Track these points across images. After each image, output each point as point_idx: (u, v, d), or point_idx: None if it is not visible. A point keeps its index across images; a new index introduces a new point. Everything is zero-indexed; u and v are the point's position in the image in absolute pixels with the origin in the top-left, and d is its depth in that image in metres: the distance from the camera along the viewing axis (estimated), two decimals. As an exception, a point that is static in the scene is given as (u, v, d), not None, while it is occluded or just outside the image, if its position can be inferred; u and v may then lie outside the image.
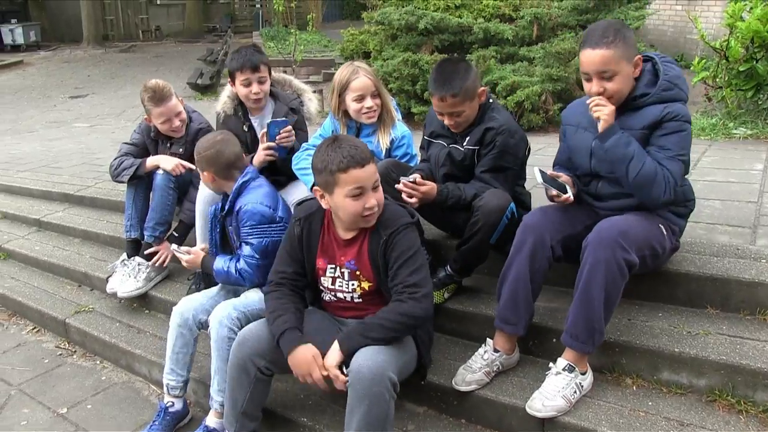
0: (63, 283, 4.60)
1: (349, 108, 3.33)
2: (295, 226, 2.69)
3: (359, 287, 2.64)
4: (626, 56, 2.52)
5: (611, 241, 2.40)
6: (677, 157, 2.52)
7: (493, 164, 2.98)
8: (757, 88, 5.75)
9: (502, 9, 8.52)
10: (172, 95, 3.92)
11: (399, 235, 2.52)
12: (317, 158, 2.51)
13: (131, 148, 4.10)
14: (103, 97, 15.27)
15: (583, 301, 2.44)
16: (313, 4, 23.37)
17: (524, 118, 6.99)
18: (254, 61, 3.56)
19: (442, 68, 2.97)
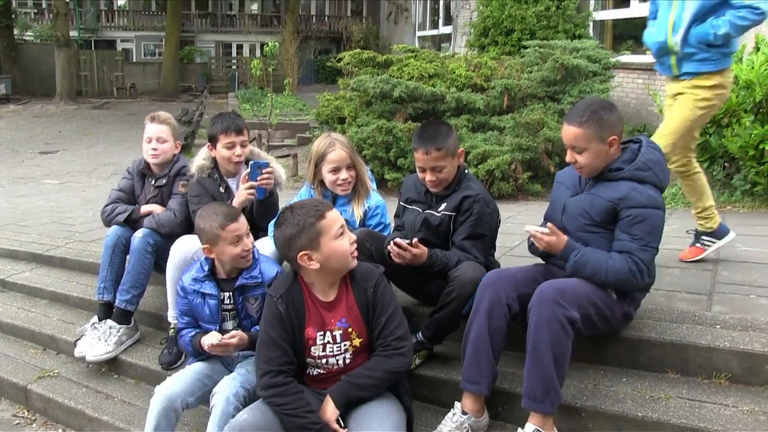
0: (26, 347, 4.47)
1: (325, 179, 3.43)
2: (278, 305, 2.66)
3: (351, 346, 2.69)
4: (597, 136, 2.71)
5: (549, 299, 2.53)
6: (648, 245, 2.67)
7: (471, 231, 3.08)
8: (711, 160, 6.03)
9: (474, 79, 8.81)
10: (166, 123, 4.18)
11: (381, 286, 2.67)
12: (287, 228, 2.58)
13: (120, 194, 4.20)
14: (74, 153, 15.26)
15: (534, 361, 2.53)
16: (290, 67, 23.81)
17: (494, 186, 7.16)
18: (239, 125, 3.71)
19: (427, 126, 3.16)
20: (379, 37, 30.74)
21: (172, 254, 3.60)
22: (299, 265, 2.61)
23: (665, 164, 2.82)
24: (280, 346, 2.61)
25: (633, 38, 11.51)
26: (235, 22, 36.85)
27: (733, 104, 5.69)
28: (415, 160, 3.15)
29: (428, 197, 3.23)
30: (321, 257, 2.57)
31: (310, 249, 2.56)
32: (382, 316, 2.64)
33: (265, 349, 2.63)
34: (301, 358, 2.70)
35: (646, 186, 2.70)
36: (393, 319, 2.65)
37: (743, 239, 4.42)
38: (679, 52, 3.59)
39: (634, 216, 2.66)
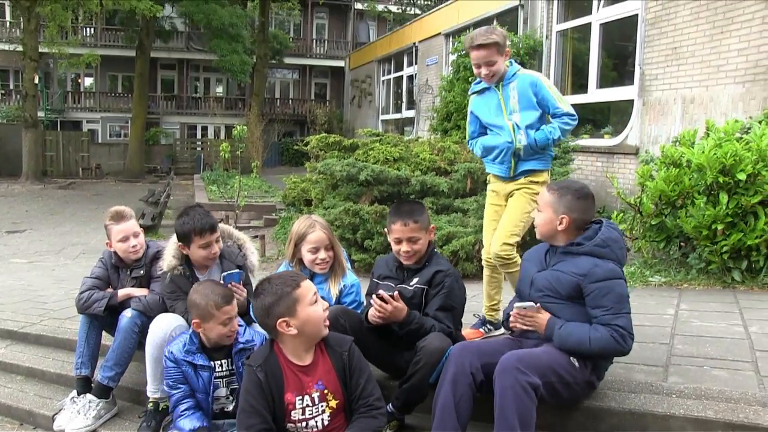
0: (3, 422, 4.49)
1: (304, 257, 3.64)
2: (257, 373, 2.82)
3: (328, 407, 2.85)
4: (552, 206, 3.12)
5: (510, 367, 2.72)
6: (621, 312, 2.92)
7: (443, 303, 3.32)
8: (667, 240, 6.27)
9: (438, 163, 9.13)
10: (132, 218, 4.24)
11: (355, 351, 2.89)
12: (266, 297, 2.81)
13: (95, 281, 4.23)
14: (41, 233, 15.20)
15: (502, 426, 2.69)
16: (254, 150, 24.15)
17: (459, 266, 7.37)
18: (212, 223, 3.76)
19: (403, 203, 3.53)
20: (343, 120, 31.45)
21: (151, 332, 3.70)
22: (277, 331, 2.81)
23: (623, 243, 3.11)
24: (260, 412, 2.77)
25: (591, 122, 12.00)
26: (201, 105, 37.25)
27: (686, 186, 5.95)
28: (392, 233, 3.42)
29: (400, 273, 3.48)
30: (298, 323, 2.78)
31: (287, 315, 2.78)
32: (360, 378, 2.86)
33: (245, 416, 2.78)
34: (281, 424, 2.83)
35: (605, 261, 2.98)
36: (370, 380, 2.89)
37: (699, 315, 4.70)
38: (521, 154, 4.04)
39: (599, 290, 2.93)
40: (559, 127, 4.00)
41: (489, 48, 3.92)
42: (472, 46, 3.95)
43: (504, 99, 4.07)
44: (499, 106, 4.09)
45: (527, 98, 4.01)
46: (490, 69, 3.97)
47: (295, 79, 40.34)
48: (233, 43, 29.16)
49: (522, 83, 4.03)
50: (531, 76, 4.06)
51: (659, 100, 9.54)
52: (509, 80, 4.05)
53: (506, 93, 4.06)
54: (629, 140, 10.21)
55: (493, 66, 3.96)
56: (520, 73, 4.07)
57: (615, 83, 11.34)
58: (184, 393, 3.35)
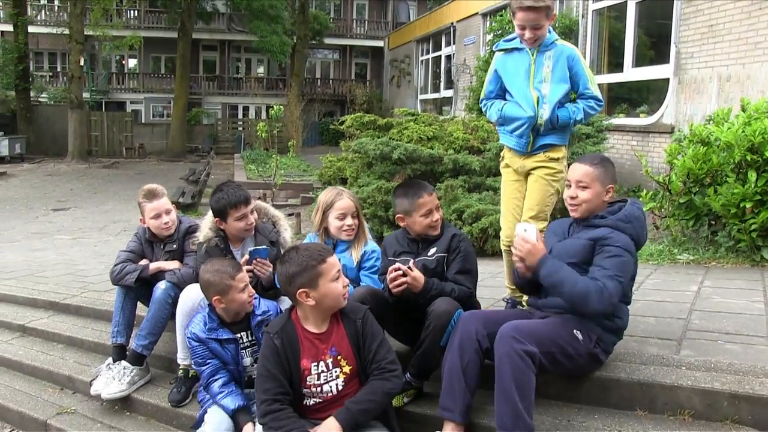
0: (45, 387, 4.73)
1: (331, 225, 3.74)
2: (274, 339, 2.94)
3: (342, 372, 2.98)
4: (601, 179, 3.14)
5: (506, 336, 2.80)
6: (615, 276, 2.96)
7: (461, 267, 3.42)
8: (696, 218, 6.24)
9: (471, 142, 9.16)
10: (164, 195, 4.41)
11: (369, 318, 2.99)
12: (291, 266, 2.90)
13: (129, 254, 4.43)
14: (85, 211, 15.64)
15: (501, 393, 2.77)
16: (294, 130, 24.36)
17: (488, 244, 7.45)
18: (245, 195, 3.89)
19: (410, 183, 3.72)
20: (382, 99, 31.44)
21: (181, 302, 3.88)
22: (297, 300, 2.93)
23: (645, 223, 3.17)
24: (276, 377, 2.90)
25: (628, 101, 11.93)
26: (242, 85, 37.60)
27: (714, 165, 5.93)
28: (421, 207, 3.45)
29: (414, 246, 3.56)
30: (317, 295, 2.89)
31: (308, 287, 2.88)
32: (373, 344, 2.97)
33: (262, 381, 2.93)
34: (298, 388, 2.96)
35: (621, 234, 3.05)
36: (383, 345, 3.00)
37: (721, 291, 4.72)
38: (542, 128, 3.87)
39: (607, 250, 3.00)
40: (583, 109, 3.88)
41: (539, 11, 3.71)
42: (521, 7, 3.71)
43: (536, 66, 3.87)
44: (528, 72, 3.89)
45: (561, 70, 3.83)
46: (535, 33, 3.76)
47: (336, 60, 40.42)
48: (273, 24, 29.33)
49: (559, 54, 3.86)
50: (570, 49, 3.90)
51: (695, 78, 9.43)
52: (546, 48, 3.87)
53: (540, 60, 3.87)
54: (664, 119, 10.12)
55: (539, 30, 3.76)
56: (558, 43, 3.89)
57: (651, 62, 11.22)
58: (214, 367, 3.47)
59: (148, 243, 4.49)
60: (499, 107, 4.02)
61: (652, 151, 10.14)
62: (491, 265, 6.05)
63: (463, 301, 3.33)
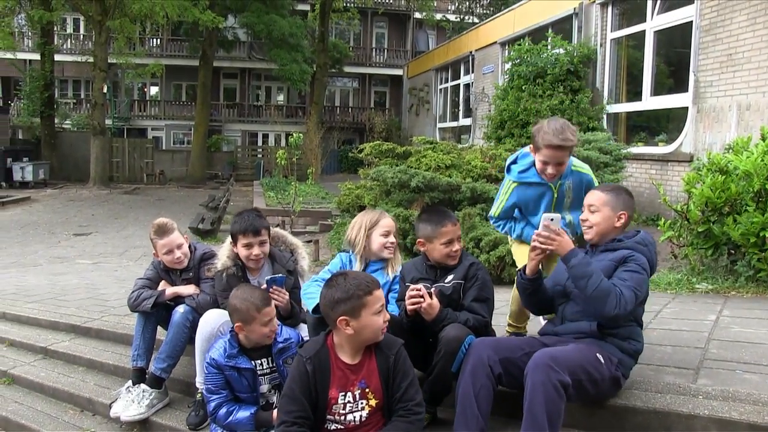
0: (66, 408, 4.80)
1: (374, 243, 3.80)
2: (306, 365, 2.95)
3: (368, 405, 3.00)
4: (611, 205, 3.24)
5: (543, 364, 2.81)
6: (633, 288, 3.04)
7: (478, 294, 3.46)
8: (715, 247, 6.18)
9: (489, 170, 9.17)
10: (175, 230, 4.44)
11: (403, 355, 3.00)
12: (337, 292, 2.90)
13: (146, 282, 4.51)
14: (105, 236, 15.79)
15: (530, 421, 2.78)
16: (313, 157, 24.52)
17: (505, 272, 7.43)
18: (256, 226, 3.95)
19: (432, 209, 3.73)
20: (401, 128, 31.56)
21: (200, 326, 3.94)
22: (336, 326, 2.94)
23: (655, 250, 3.24)
24: (300, 401, 2.92)
25: (646, 130, 11.93)
26: (262, 113, 37.89)
27: (733, 193, 5.90)
28: (442, 236, 3.49)
29: (432, 273, 3.60)
30: (357, 326, 2.90)
31: (350, 316, 2.89)
32: (404, 382, 2.97)
33: (286, 402, 2.95)
34: (322, 414, 2.98)
35: (641, 256, 3.14)
36: (413, 385, 3.00)
37: (740, 321, 4.70)
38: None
39: (628, 266, 3.09)
40: None
41: (565, 149, 3.70)
42: (549, 145, 3.65)
43: (559, 198, 3.92)
44: (550, 204, 3.92)
45: (579, 198, 3.76)
46: (558, 169, 3.75)
47: (355, 88, 40.73)
48: (293, 53, 29.60)
49: (578, 182, 3.90)
50: (586, 174, 3.94)
51: (714, 107, 9.44)
52: (566, 177, 3.87)
53: (563, 191, 3.91)
54: (683, 147, 10.12)
55: (562, 166, 3.76)
56: (575, 170, 3.91)
57: (670, 90, 11.25)
58: (224, 398, 3.52)
59: (165, 272, 4.55)
60: (519, 232, 4.08)
61: (670, 179, 10.13)
62: (507, 293, 5.97)
63: (478, 330, 3.36)
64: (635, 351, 3.21)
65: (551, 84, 12.49)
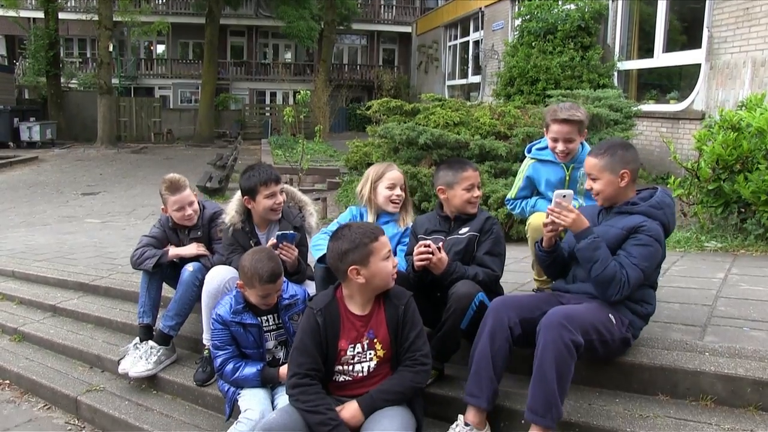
0: (75, 365, 4.85)
1: (380, 196, 3.80)
2: (317, 317, 2.98)
3: (375, 356, 3.02)
4: (609, 168, 3.13)
5: (557, 323, 2.79)
6: (639, 265, 2.97)
7: (491, 248, 3.44)
8: (725, 205, 6.15)
9: (498, 127, 9.09)
10: (187, 187, 4.39)
11: (412, 306, 3.02)
12: (344, 243, 2.93)
13: (151, 240, 4.50)
14: (114, 195, 15.85)
15: (539, 378, 2.77)
16: (321, 115, 24.39)
17: (513, 229, 7.42)
18: (276, 174, 3.92)
19: (455, 158, 3.58)
20: (410, 85, 31.32)
21: (207, 283, 3.91)
22: (347, 277, 2.95)
23: (674, 210, 3.16)
24: (311, 353, 2.95)
25: (657, 87, 11.77)
26: (269, 71, 37.66)
27: (745, 151, 5.85)
28: (463, 182, 3.49)
29: (445, 225, 3.58)
30: (368, 273, 2.92)
31: (360, 265, 2.91)
32: (411, 332, 2.99)
33: (298, 354, 2.97)
34: (331, 366, 3.01)
35: (655, 221, 3.05)
36: (420, 336, 3.01)
37: (748, 279, 4.67)
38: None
39: (639, 239, 3.01)
40: None
41: (572, 124, 3.84)
42: (555, 119, 3.85)
43: (571, 181, 4.00)
44: (563, 184, 4.01)
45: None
46: (567, 146, 3.88)
47: (363, 45, 40.32)
48: (301, 10, 29.30)
49: None
50: None
51: (728, 63, 9.27)
52: (580, 164, 3.91)
53: (575, 176, 3.99)
54: (695, 105, 9.98)
55: (571, 143, 3.88)
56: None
57: (682, 47, 11.04)
58: (230, 354, 3.50)
59: (172, 230, 4.52)
60: (533, 203, 4.15)
61: (681, 137, 10.01)
62: (515, 250, 6.02)
63: (488, 285, 3.34)
64: (647, 314, 3.18)
65: (562, 40, 12.33)
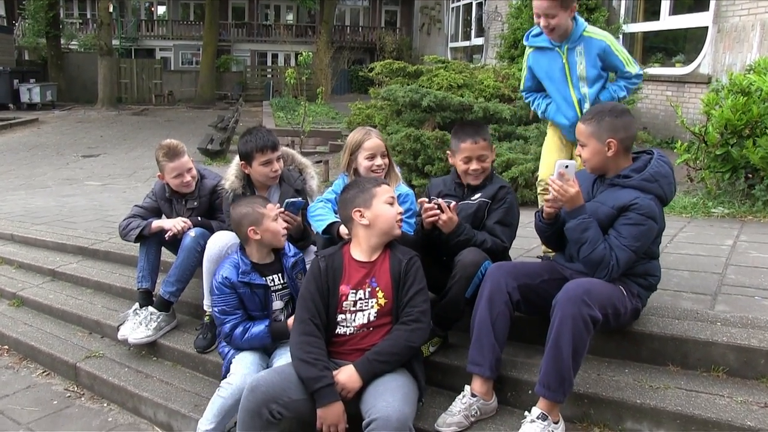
0: (75, 330, 4.80)
1: (360, 166, 3.63)
2: (320, 262, 3.06)
3: (377, 304, 2.98)
4: (596, 135, 2.96)
5: (577, 298, 2.69)
6: (629, 246, 2.85)
7: (502, 218, 3.35)
8: (732, 171, 6.06)
9: (502, 90, 9.00)
10: (185, 153, 4.27)
11: (416, 263, 3.00)
12: (348, 193, 3.08)
13: (141, 210, 4.42)
14: (114, 157, 15.73)
15: (553, 353, 2.68)
16: (323, 77, 24.14)
17: (518, 193, 7.31)
18: (273, 141, 3.80)
19: (467, 122, 3.52)
20: (412, 47, 31.03)
21: (208, 248, 3.82)
22: (352, 219, 3.04)
23: (672, 178, 2.99)
24: (315, 301, 2.99)
25: (663, 50, 11.59)
26: (271, 32, 37.30)
27: (754, 116, 5.75)
28: (461, 152, 3.39)
29: (459, 190, 3.49)
30: (371, 215, 2.99)
31: (363, 207, 3.01)
32: (412, 288, 2.96)
33: (302, 301, 3.03)
34: (333, 315, 3.00)
35: (648, 196, 2.89)
36: (421, 294, 2.98)
37: (757, 246, 4.60)
38: None
39: (627, 220, 2.86)
40: (625, 86, 3.88)
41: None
42: None
43: (570, 65, 3.85)
44: (563, 72, 3.89)
45: (595, 66, 3.80)
46: (549, 22, 3.70)
47: (365, 7, 39.79)
48: (303, -30, 28.87)
49: (589, 48, 3.79)
50: (599, 40, 3.80)
51: (735, 26, 9.09)
52: (575, 42, 3.80)
53: (573, 58, 3.84)
54: (701, 69, 9.82)
55: (552, 19, 3.69)
56: (586, 35, 3.80)
57: (689, 9, 10.84)
58: (239, 318, 3.43)
59: (166, 201, 4.40)
60: (543, 108, 4.11)
61: (687, 101, 9.86)
62: (522, 215, 5.95)
63: (495, 254, 3.26)
64: (652, 285, 3.09)
65: (567, 1, 12.04)
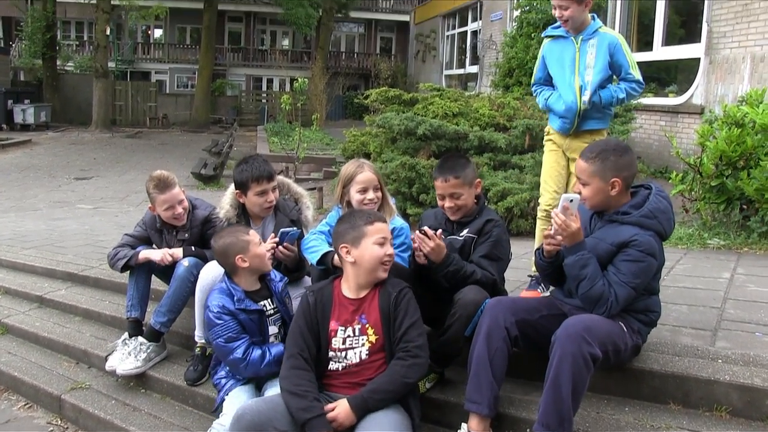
0: (61, 360, 4.67)
1: (353, 199, 3.57)
2: (309, 297, 3.05)
3: (367, 341, 2.94)
4: (600, 174, 2.89)
5: (577, 335, 2.63)
6: (629, 283, 2.79)
7: (489, 252, 3.27)
8: (728, 202, 6.06)
9: (497, 119, 8.98)
10: (176, 184, 4.18)
11: (407, 296, 2.96)
12: (343, 225, 3.05)
13: (130, 239, 4.33)
14: (107, 180, 15.65)
15: (553, 392, 2.62)
16: (318, 103, 24.19)
17: (513, 224, 7.28)
18: (269, 171, 3.78)
19: (447, 158, 3.44)
20: (407, 74, 31.19)
21: (201, 278, 3.76)
22: (339, 255, 3.05)
23: (671, 214, 2.94)
24: (302, 333, 2.98)
25: (656, 81, 11.65)
26: (266, 57, 37.44)
27: (749, 147, 5.76)
28: (436, 189, 3.39)
29: (449, 225, 3.43)
30: (357, 254, 2.96)
31: (351, 244, 2.97)
32: (405, 321, 2.91)
33: (291, 338, 3.03)
34: (325, 351, 2.97)
35: (648, 232, 2.83)
36: (416, 327, 2.92)
37: (755, 280, 4.55)
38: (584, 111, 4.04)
39: (627, 256, 2.81)
40: (625, 89, 4.03)
41: None
42: None
43: (581, 54, 4.05)
44: (573, 61, 4.07)
45: (603, 59, 3.99)
46: (563, 13, 3.95)
47: (361, 33, 40.04)
48: (299, -3, 28.99)
49: (602, 42, 4.00)
50: (612, 36, 4.03)
51: (727, 58, 9.20)
52: (590, 36, 4.03)
53: (584, 48, 4.04)
54: (694, 99, 9.90)
55: (565, 10, 3.94)
56: (601, 31, 4.03)
57: (681, 41, 10.98)
58: (248, 341, 3.33)
59: (157, 231, 4.31)
60: (546, 96, 4.24)
61: (680, 131, 9.93)
62: (516, 246, 5.83)
63: (486, 287, 3.19)
64: (653, 321, 3.03)
65: (562, 32, 12.13)
